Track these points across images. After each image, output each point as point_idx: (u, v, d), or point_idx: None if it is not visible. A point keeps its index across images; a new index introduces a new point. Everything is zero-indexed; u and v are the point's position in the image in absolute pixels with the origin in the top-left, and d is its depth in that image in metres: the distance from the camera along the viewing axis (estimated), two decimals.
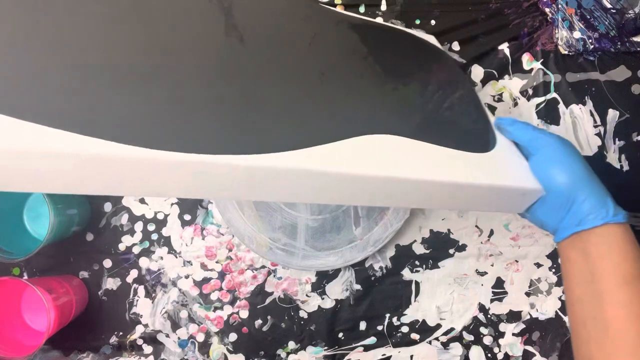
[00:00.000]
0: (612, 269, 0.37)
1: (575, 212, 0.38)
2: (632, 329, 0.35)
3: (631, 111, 0.58)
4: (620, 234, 0.37)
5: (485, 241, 0.58)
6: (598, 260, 0.37)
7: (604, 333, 0.36)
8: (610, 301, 0.36)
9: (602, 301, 0.36)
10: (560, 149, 0.39)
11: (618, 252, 0.37)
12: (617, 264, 0.37)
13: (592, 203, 0.38)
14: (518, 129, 0.42)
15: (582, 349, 0.38)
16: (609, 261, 0.37)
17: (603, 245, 0.37)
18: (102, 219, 0.58)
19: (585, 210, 0.38)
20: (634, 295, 0.36)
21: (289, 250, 0.56)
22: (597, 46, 0.57)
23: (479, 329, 0.58)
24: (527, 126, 0.41)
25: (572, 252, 0.39)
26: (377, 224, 0.56)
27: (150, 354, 0.58)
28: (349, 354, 0.58)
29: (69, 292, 0.54)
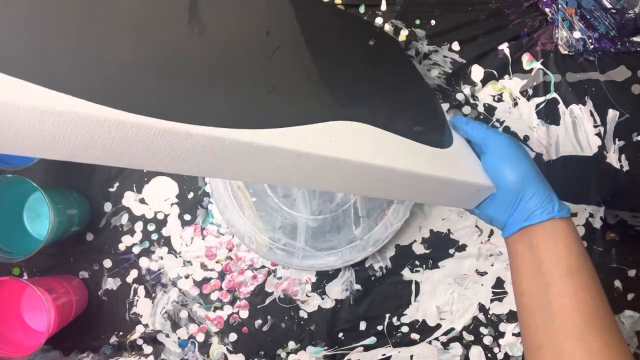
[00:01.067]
0: (558, 260, 0.38)
1: (523, 208, 0.40)
2: (577, 316, 0.37)
3: (631, 111, 0.58)
4: (565, 227, 0.39)
5: (485, 241, 0.58)
6: (544, 253, 0.39)
7: (552, 321, 0.38)
8: (557, 291, 0.38)
9: (548, 292, 0.38)
10: (510, 147, 0.41)
11: (563, 245, 0.39)
12: (562, 256, 0.38)
13: (539, 199, 0.40)
14: (472, 127, 0.44)
15: (530, 338, 0.39)
16: (554, 254, 0.39)
17: (549, 238, 0.39)
18: (102, 219, 0.58)
19: (532, 207, 0.40)
20: (579, 285, 0.38)
21: (289, 250, 0.56)
22: (597, 46, 0.57)
23: (479, 329, 0.58)
24: (480, 125, 0.44)
25: (519, 246, 0.41)
26: (377, 224, 0.56)
27: (150, 354, 0.58)
28: (349, 354, 0.58)
29: (69, 292, 0.54)
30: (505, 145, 0.41)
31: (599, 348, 0.36)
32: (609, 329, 0.37)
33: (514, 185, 0.40)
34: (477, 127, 0.44)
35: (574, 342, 0.36)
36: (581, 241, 0.40)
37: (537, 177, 0.40)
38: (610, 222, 0.58)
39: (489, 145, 0.42)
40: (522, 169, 0.40)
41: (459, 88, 0.58)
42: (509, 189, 0.41)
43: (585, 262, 0.39)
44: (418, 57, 0.59)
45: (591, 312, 0.37)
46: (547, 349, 0.38)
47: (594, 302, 0.37)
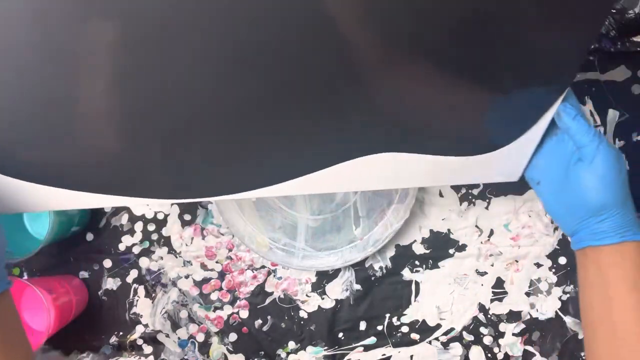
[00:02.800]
0: (623, 275, 0.37)
1: (596, 228, 0.38)
2: (639, 331, 0.36)
3: (631, 111, 0.58)
4: (635, 247, 0.37)
5: (485, 241, 0.58)
6: (608, 267, 0.38)
7: (613, 336, 0.37)
8: (620, 306, 0.37)
9: (611, 306, 0.37)
10: (614, 168, 0.37)
11: (630, 262, 0.37)
12: (627, 271, 0.37)
13: (615, 223, 0.38)
14: (578, 128, 0.38)
15: (591, 352, 0.39)
16: (619, 269, 0.37)
17: (615, 254, 0.38)
18: (102, 219, 0.58)
19: (605, 228, 0.38)
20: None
21: (289, 250, 0.56)
22: (597, 46, 0.57)
23: (479, 329, 0.58)
24: (589, 129, 0.38)
25: (584, 259, 0.40)
26: (377, 224, 0.56)
27: (150, 354, 0.58)
28: (349, 354, 0.58)
29: (69, 292, 0.54)
30: (610, 164, 0.37)
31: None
32: None
33: (596, 205, 0.38)
34: (584, 130, 0.38)
35: (636, 357, 0.35)
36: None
37: (623, 201, 0.38)
38: None
39: (593, 157, 0.38)
40: (612, 192, 0.38)
41: None
42: (590, 205, 0.38)
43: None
44: None
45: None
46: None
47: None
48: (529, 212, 0.58)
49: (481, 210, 0.58)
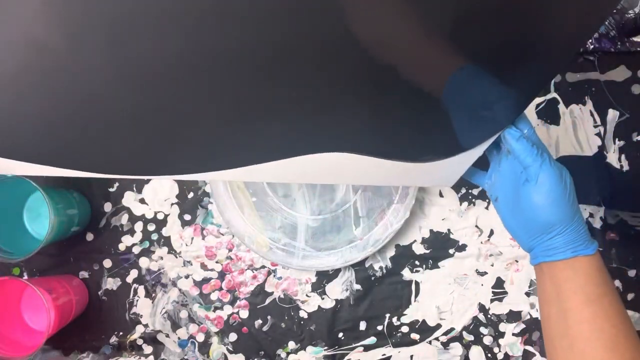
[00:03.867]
0: (576, 289, 0.38)
1: (549, 245, 0.39)
2: (596, 344, 0.36)
3: (631, 111, 0.58)
4: (587, 261, 0.38)
5: (485, 241, 0.58)
6: (563, 282, 0.39)
7: (570, 349, 0.37)
8: (575, 319, 0.37)
9: (567, 319, 0.38)
10: (557, 188, 0.39)
11: (583, 276, 0.38)
12: (581, 285, 0.38)
13: (565, 239, 0.39)
14: (522, 149, 0.40)
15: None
16: (573, 283, 0.38)
17: (569, 269, 0.39)
18: (102, 219, 0.58)
19: (557, 244, 0.39)
20: (597, 313, 0.37)
21: (289, 250, 0.56)
22: (597, 46, 0.57)
23: (479, 329, 0.58)
24: (531, 150, 0.39)
25: (540, 274, 0.41)
26: (377, 224, 0.56)
27: (150, 354, 0.58)
28: (349, 354, 0.58)
29: (69, 292, 0.54)
30: (553, 182, 0.38)
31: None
32: (632, 357, 0.36)
33: (545, 223, 0.39)
34: (527, 151, 0.39)
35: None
36: (605, 271, 0.39)
37: (571, 217, 0.39)
38: (610, 222, 0.58)
39: (537, 176, 0.39)
40: (560, 209, 0.38)
41: None
42: (540, 222, 0.39)
43: (606, 290, 0.38)
44: None
45: (612, 339, 0.36)
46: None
47: (615, 330, 0.36)
48: None
49: (481, 210, 0.58)
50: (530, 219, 0.40)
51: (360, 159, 0.40)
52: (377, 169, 0.42)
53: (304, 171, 0.40)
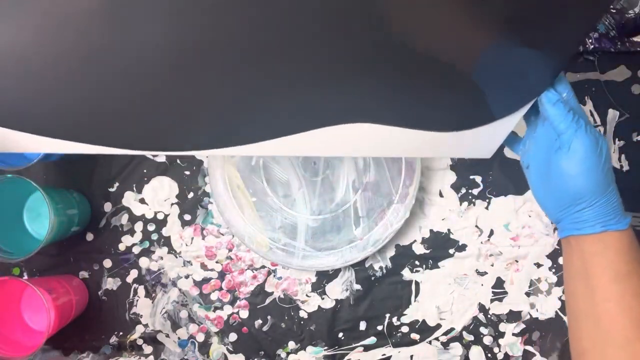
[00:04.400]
0: (605, 265, 0.37)
1: (578, 217, 0.38)
2: (622, 322, 0.35)
3: (631, 111, 0.58)
4: (618, 236, 0.37)
5: (485, 241, 0.58)
6: (591, 256, 0.37)
7: (596, 327, 0.36)
8: (602, 296, 0.36)
9: (594, 296, 0.37)
10: (591, 156, 0.37)
11: (613, 251, 0.37)
12: (610, 261, 0.37)
13: (596, 212, 0.37)
14: (557, 115, 0.37)
15: (575, 344, 0.38)
16: (602, 258, 0.37)
17: (598, 243, 0.37)
18: (102, 219, 0.58)
19: (587, 217, 0.38)
20: (626, 291, 0.36)
21: (289, 250, 0.56)
22: (597, 46, 0.57)
23: (479, 329, 0.58)
24: (566, 116, 0.37)
25: (568, 248, 0.40)
26: (377, 224, 0.56)
27: (150, 354, 0.58)
28: (349, 354, 0.58)
29: (69, 292, 0.54)
30: (587, 151, 0.36)
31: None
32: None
33: (575, 193, 0.37)
34: (562, 117, 0.37)
35: (619, 350, 0.35)
36: (636, 247, 0.37)
37: (603, 190, 0.37)
38: None
39: (570, 144, 0.37)
40: (591, 180, 0.37)
41: None
42: (570, 193, 0.38)
43: (636, 267, 0.36)
44: None
45: (639, 319, 0.35)
46: (591, 355, 0.36)
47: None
48: (529, 212, 0.58)
49: (481, 210, 0.58)
50: (559, 188, 0.38)
51: (393, 130, 0.39)
52: (411, 140, 0.40)
53: (331, 143, 0.39)
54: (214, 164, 0.56)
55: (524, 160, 0.43)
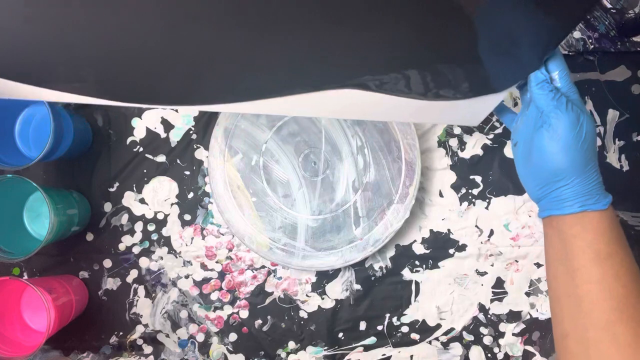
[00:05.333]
0: (585, 246, 0.36)
1: (557, 196, 0.38)
2: (604, 304, 0.35)
3: (631, 111, 0.58)
4: (597, 217, 0.37)
5: (485, 241, 0.58)
6: (571, 238, 0.37)
7: (578, 309, 0.36)
8: (583, 278, 0.36)
9: (574, 278, 0.36)
10: (568, 133, 0.37)
11: (592, 232, 0.37)
12: (590, 242, 0.36)
13: (575, 190, 0.37)
14: (539, 94, 0.38)
15: (557, 327, 0.38)
16: (582, 239, 0.37)
17: (578, 224, 0.37)
18: (102, 219, 0.58)
19: (566, 196, 0.37)
20: (607, 272, 0.36)
21: (289, 250, 0.56)
22: (597, 46, 0.57)
23: (479, 329, 0.58)
24: (547, 95, 0.38)
25: (549, 229, 0.39)
26: (377, 224, 0.56)
27: (150, 354, 0.58)
28: (349, 354, 0.58)
29: (69, 292, 0.54)
30: (564, 130, 0.37)
31: (629, 340, 0.34)
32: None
33: (553, 170, 0.38)
34: (544, 96, 0.38)
35: (600, 332, 0.34)
36: (617, 227, 0.37)
37: (582, 168, 0.37)
38: None
39: (549, 122, 0.37)
40: (568, 158, 0.37)
41: None
42: (549, 170, 0.38)
43: (617, 248, 0.36)
44: None
45: (621, 300, 0.35)
46: (573, 338, 0.36)
47: (624, 290, 0.35)
48: (529, 212, 0.58)
49: (481, 210, 0.58)
50: (539, 165, 0.38)
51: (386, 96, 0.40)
52: (403, 105, 0.41)
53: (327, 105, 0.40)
54: (214, 164, 0.56)
55: (513, 137, 0.43)
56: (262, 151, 0.56)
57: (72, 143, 0.54)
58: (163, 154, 0.58)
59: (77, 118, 0.56)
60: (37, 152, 0.53)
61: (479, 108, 0.43)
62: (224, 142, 0.56)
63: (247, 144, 0.56)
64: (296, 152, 0.56)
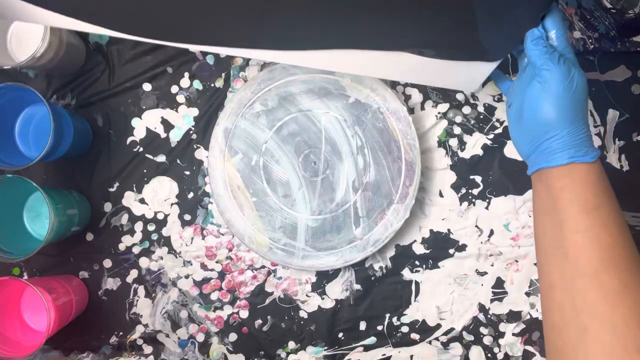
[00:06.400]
0: (573, 198, 0.37)
1: (546, 148, 0.39)
2: (591, 254, 0.35)
3: (631, 111, 0.58)
4: (585, 169, 0.37)
5: (485, 241, 0.58)
6: (560, 190, 0.38)
7: (565, 259, 0.36)
8: (571, 228, 0.36)
9: (562, 229, 0.37)
10: (559, 85, 0.38)
11: (580, 184, 0.37)
12: (578, 193, 0.37)
13: (564, 141, 0.38)
14: (533, 49, 0.40)
15: (544, 280, 0.38)
16: (570, 191, 0.37)
17: (565, 177, 0.38)
18: (102, 219, 0.58)
19: (555, 148, 0.38)
20: (594, 222, 0.36)
21: (289, 250, 0.56)
22: (597, 46, 0.57)
23: (479, 329, 0.58)
24: (540, 51, 0.39)
25: (538, 184, 0.40)
26: (377, 224, 0.56)
27: (150, 354, 0.58)
28: (349, 354, 0.58)
29: (69, 292, 0.54)
30: (556, 82, 0.38)
31: (615, 288, 0.34)
32: (628, 268, 0.35)
33: (544, 121, 0.38)
34: (538, 52, 0.39)
35: (587, 280, 0.35)
36: (605, 180, 0.38)
37: (572, 120, 0.38)
38: None
39: (541, 75, 0.39)
40: (558, 110, 0.38)
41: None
42: (540, 122, 0.39)
43: (604, 200, 0.37)
44: None
45: (608, 250, 0.35)
46: (559, 288, 0.36)
47: (611, 240, 0.35)
48: (529, 212, 0.58)
49: (481, 210, 0.58)
50: (531, 118, 0.39)
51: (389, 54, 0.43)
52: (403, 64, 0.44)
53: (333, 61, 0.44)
54: (214, 164, 0.56)
55: (508, 100, 0.45)
56: (262, 151, 0.56)
57: (72, 143, 0.54)
58: (163, 154, 0.58)
59: (77, 118, 0.56)
60: (37, 152, 0.53)
61: (476, 73, 0.46)
62: (224, 142, 0.56)
63: (247, 144, 0.56)
64: (296, 152, 0.56)
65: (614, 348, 0.33)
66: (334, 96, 0.56)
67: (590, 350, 0.33)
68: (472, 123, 0.58)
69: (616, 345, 0.33)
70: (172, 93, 0.58)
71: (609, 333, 0.33)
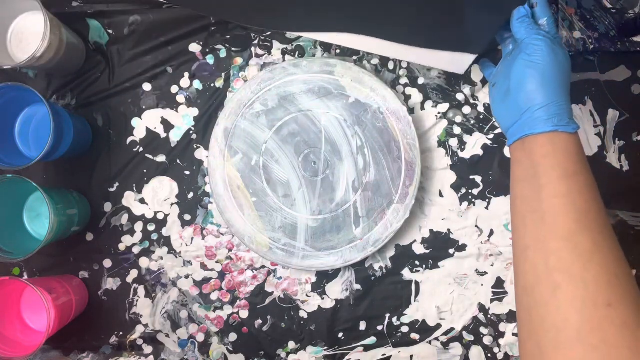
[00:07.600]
0: (554, 164, 0.38)
1: (530, 117, 0.40)
2: (568, 217, 0.36)
3: (631, 111, 0.58)
4: (567, 139, 0.39)
5: (485, 241, 0.58)
6: (541, 158, 0.39)
7: (541, 222, 0.37)
8: (549, 193, 0.38)
9: (541, 193, 0.38)
10: (543, 58, 0.41)
11: (561, 152, 0.39)
12: (559, 160, 0.38)
13: (548, 111, 0.40)
14: (518, 27, 0.43)
15: (518, 242, 0.39)
16: (551, 158, 0.39)
17: (548, 145, 0.39)
18: (102, 219, 0.58)
19: (538, 116, 0.40)
20: (572, 188, 0.37)
21: (289, 250, 0.56)
22: (597, 46, 0.57)
23: (479, 329, 0.58)
24: (525, 28, 0.43)
25: (519, 153, 0.41)
26: (377, 224, 0.56)
27: (150, 354, 0.58)
28: (349, 354, 0.58)
29: (69, 292, 0.54)
30: (542, 56, 0.41)
31: (588, 248, 0.35)
32: (601, 231, 0.36)
33: (530, 92, 0.40)
34: (522, 28, 0.43)
35: (562, 242, 0.36)
36: (583, 152, 0.40)
37: (556, 91, 0.40)
38: (610, 222, 0.58)
39: (525, 49, 0.42)
40: (544, 82, 0.40)
41: (459, 88, 0.58)
42: (526, 95, 0.41)
43: (582, 168, 0.39)
44: None
45: (583, 213, 0.37)
46: (534, 249, 0.37)
47: (587, 205, 0.37)
48: None
49: (481, 210, 0.58)
50: (516, 92, 0.41)
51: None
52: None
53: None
54: (214, 164, 0.56)
55: (491, 80, 0.47)
56: (262, 151, 0.56)
57: (72, 143, 0.54)
58: (163, 154, 0.58)
59: (77, 118, 0.56)
60: (37, 152, 0.53)
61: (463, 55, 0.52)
62: (224, 142, 0.56)
63: (247, 144, 0.56)
64: (296, 152, 0.56)
65: (584, 303, 0.34)
66: (334, 96, 0.56)
67: (562, 306, 0.34)
68: (472, 123, 0.58)
69: (587, 300, 0.34)
70: (172, 93, 0.58)
71: (580, 289, 0.34)
